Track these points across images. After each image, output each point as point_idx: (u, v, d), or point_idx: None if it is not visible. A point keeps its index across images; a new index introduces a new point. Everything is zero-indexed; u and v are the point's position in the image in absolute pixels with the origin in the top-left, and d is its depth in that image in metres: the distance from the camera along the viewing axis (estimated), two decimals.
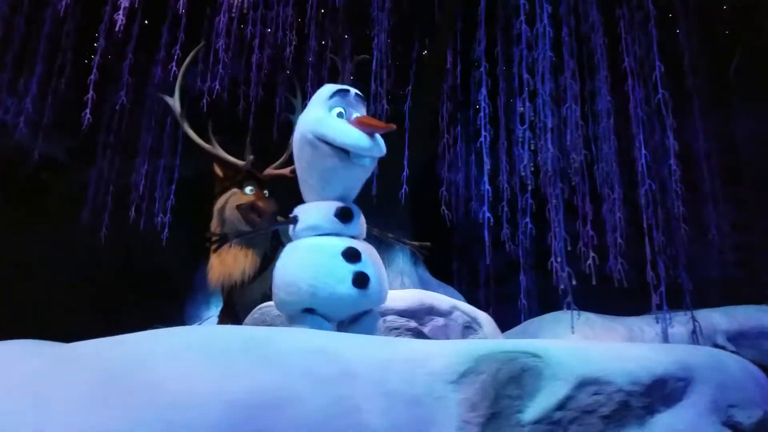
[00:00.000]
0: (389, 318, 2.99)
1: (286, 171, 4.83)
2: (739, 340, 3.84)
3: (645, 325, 3.94)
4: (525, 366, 1.84)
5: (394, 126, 2.49)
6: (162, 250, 7.07)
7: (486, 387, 1.78)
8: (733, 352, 3.06)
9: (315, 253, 2.52)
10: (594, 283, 3.76)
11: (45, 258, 7.20)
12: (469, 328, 3.15)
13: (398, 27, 5.95)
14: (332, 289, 2.44)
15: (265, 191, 4.63)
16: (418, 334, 2.99)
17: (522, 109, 4.26)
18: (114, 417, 1.55)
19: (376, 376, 1.75)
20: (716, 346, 3.69)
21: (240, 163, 4.57)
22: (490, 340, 2.12)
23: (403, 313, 3.00)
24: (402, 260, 6.83)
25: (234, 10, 5.72)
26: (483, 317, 3.24)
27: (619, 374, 1.85)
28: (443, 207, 5.50)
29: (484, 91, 4.29)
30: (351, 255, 2.48)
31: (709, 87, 4.81)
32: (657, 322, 3.78)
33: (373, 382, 1.73)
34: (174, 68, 5.17)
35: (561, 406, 1.78)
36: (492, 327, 3.21)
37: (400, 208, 6.19)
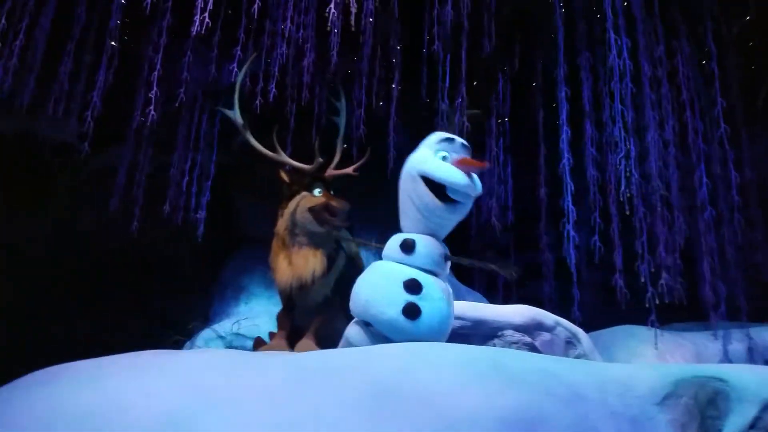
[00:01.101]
0: (507, 332, 3.20)
1: (349, 170, 4.99)
2: None
3: (706, 341, 4.27)
4: (716, 389, 2.08)
5: (487, 164, 2.75)
6: (189, 245, 7.11)
7: (691, 409, 2.01)
8: None
9: (381, 275, 2.79)
10: (664, 301, 4.05)
11: (46, 245, 7.14)
12: (570, 343, 3.39)
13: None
14: (382, 309, 2.64)
15: (332, 192, 4.76)
16: (532, 348, 3.20)
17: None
18: (389, 430, 1.68)
19: (601, 398, 1.96)
20: (766, 363, 4.04)
21: (307, 167, 4.69)
22: (681, 365, 2.34)
23: (518, 328, 3.22)
24: None
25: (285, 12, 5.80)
26: (581, 333, 3.49)
27: None
28: (493, 217, 5.69)
29: (563, 115, 4.52)
30: (411, 286, 2.66)
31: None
32: (716, 339, 4.12)
33: (599, 403, 1.94)
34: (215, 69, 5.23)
35: (752, 425, 2.02)
36: (588, 342, 3.45)
37: None
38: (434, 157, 2.79)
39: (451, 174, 2.70)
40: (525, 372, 1.93)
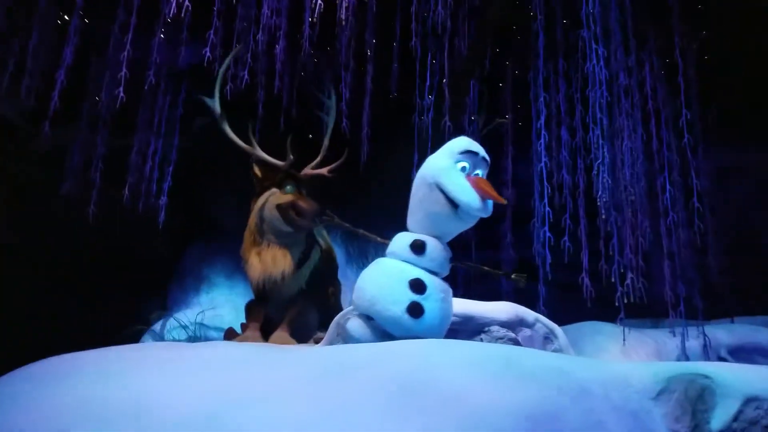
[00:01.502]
0: (494, 328, 3.32)
1: (323, 171, 4.98)
2: (737, 354, 4.56)
3: (665, 337, 4.56)
4: (703, 385, 2.25)
5: (506, 201, 2.84)
6: (148, 232, 6.92)
7: (683, 403, 2.18)
8: None
9: (386, 273, 2.85)
10: (631, 300, 4.29)
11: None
12: (547, 339, 3.55)
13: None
14: (386, 307, 2.72)
15: (305, 192, 4.72)
16: (515, 343, 3.34)
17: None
18: (415, 427, 1.74)
19: (604, 393, 2.09)
20: (720, 359, 4.36)
21: (280, 163, 4.66)
22: (670, 363, 2.50)
23: (503, 324, 3.35)
24: None
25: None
26: (558, 330, 3.65)
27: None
28: None
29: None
30: (416, 285, 2.75)
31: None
32: (674, 336, 4.40)
33: (603, 398, 2.07)
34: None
35: (735, 418, 2.21)
36: (564, 338, 3.62)
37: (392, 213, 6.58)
38: (455, 169, 2.83)
39: (467, 195, 2.74)
40: (537, 369, 2.04)
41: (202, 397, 1.71)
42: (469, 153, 2.87)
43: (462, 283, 8.26)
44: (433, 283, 2.77)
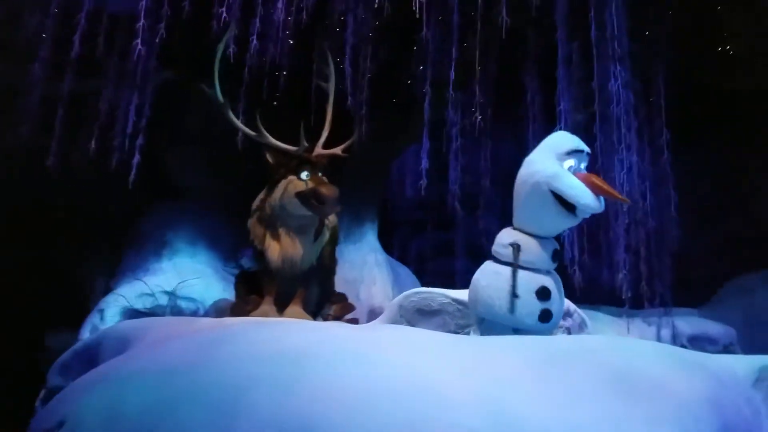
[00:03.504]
0: None
1: (337, 150, 4.99)
2: (693, 342, 5.38)
3: (642, 326, 5.25)
4: None
5: (629, 202, 3.16)
6: (109, 192, 6.45)
7: None
8: None
9: (519, 289, 3.01)
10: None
11: None
12: (581, 326, 4.00)
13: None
14: (522, 319, 3.02)
15: (321, 174, 4.60)
16: (568, 332, 3.75)
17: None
18: (639, 412, 2.05)
19: (732, 382, 2.53)
20: (682, 346, 5.13)
21: (292, 149, 4.60)
22: (752, 356, 2.97)
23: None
24: (372, 237, 7.33)
25: None
26: (587, 318, 4.11)
27: None
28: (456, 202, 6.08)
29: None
30: (544, 294, 3.03)
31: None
32: (649, 326, 5.12)
33: (733, 386, 2.51)
34: None
35: None
36: (591, 326, 4.09)
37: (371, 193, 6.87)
38: (565, 172, 3.02)
39: (585, 196, 2.96)
40: (691, 361, 2.43)
41: (480, 383, 1.86)
42: (576, 153, 3.09)
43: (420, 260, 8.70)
44: (553, 286, 3.03)
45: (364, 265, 6.76)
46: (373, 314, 6.54)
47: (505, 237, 3.15)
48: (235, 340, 2.09)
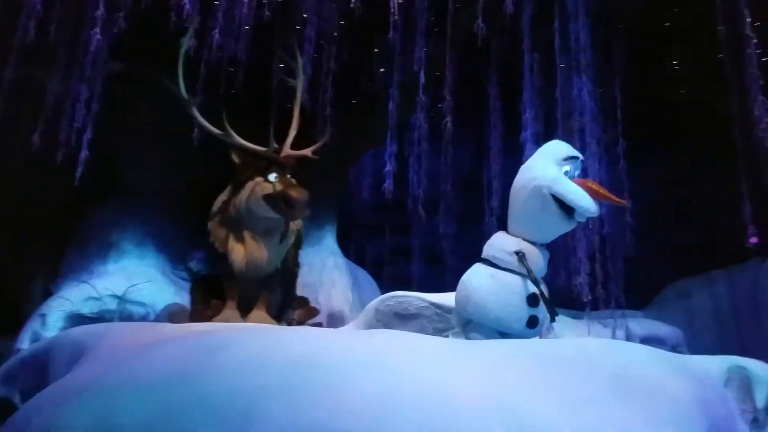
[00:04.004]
0: None
1: (308, 152, 4.89)
2: (644, 343, 5.57)
3: (599, 327, 5.44)
4: (747, 374, 2.94)
5: (628, 204, 3.26)
6: (52, 189, 6.11)
7: (743, 387, 2.83)
8: None
9: (509, 293, 3.08)
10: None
11: None
12: (548, 329, 4.11)
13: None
14: (511, 324, 3.08)
15: (289, 176, 4.55)
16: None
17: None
18: (638, 412, 2.11)
19: (709, 382, 2.65)
20: None
21: (260, 149, 4.48)
22: (719, 357, 3.10)
23: None
24: (331, 240, 7.26)
25: None
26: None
27: None
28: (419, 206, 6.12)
29: None
30: (533, 300, 3.09)
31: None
32: (605, 327, 5.31)
33: (710, 388, 2.62)
34: None
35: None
36: (561, 328, 4.21)
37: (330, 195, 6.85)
38: (564, 177, 3.10)
39: (584, 200, 3.03)
40: (679, 364, 2.52)
41: (493, 389, 1.86)
42: (572, 159, 3.17)
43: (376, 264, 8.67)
44: (543, 291, 3.09)
45: (323, 268, 6.70)
46: (332, 318, 6.48)
47: (507, 243, 3.16)
48: (232, 348, 2.00)
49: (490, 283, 3.09)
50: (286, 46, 5.63)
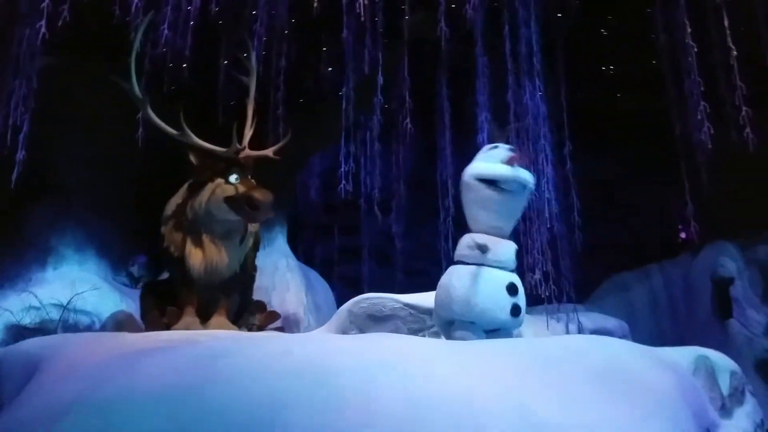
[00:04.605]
0: None
1: (269, 152, 4.76)
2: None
3: (553, 322, 5.63)
4: (711, 363, 3.13)
5: (528, 155, 3.37)
6: None
7: (709, 376, 3.01)
8: None
9: (491, 285, 3.18)
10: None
11: None
12: None
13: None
14: (495, 315, 3.16)
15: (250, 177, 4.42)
16: None
17: None
18: (624, 407, 2.19)
19: (682, 373, 2.79)
20: None
21: (219, 149, 4.34)
22: (685, 348, 3.26)
23: None
24: (282, 242, 7.12)
25: None
26: None
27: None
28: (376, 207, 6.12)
29: None
30: (513, 289, 3.22)
31: None
32: (558, 321, 5.51)
33: (684, 378, 2.77)
34: None
35: (730, 385, 3.14)
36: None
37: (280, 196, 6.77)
38: (479, 161, 3.27)
39: (497, 169, 3.18)
40: (661, 358, 2.64)
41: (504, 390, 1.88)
42: (492, 149, 3.33)
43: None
44: (519, 282, 3.18)
45: (276, 271, 6.56)
46: (287, 321, 6.36)
47: (469, 240, 3.24)
48: (234, 356, 1.91)
49: (469, 279, 3.16)
50: (239, 42, 5.48)
